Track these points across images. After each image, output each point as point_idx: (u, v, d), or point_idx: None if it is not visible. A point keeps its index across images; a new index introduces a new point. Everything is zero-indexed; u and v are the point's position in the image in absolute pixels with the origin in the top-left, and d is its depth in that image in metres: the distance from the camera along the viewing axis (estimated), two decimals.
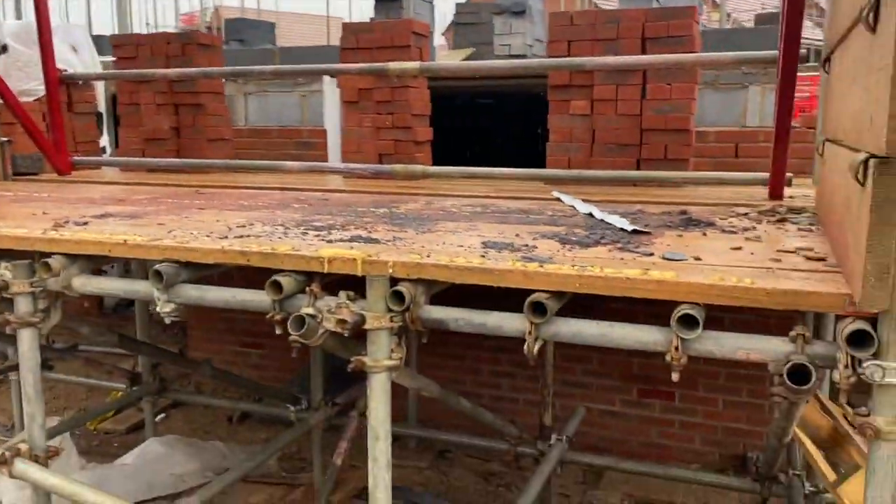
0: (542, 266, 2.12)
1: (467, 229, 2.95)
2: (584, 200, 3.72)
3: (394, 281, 2.27)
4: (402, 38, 5.26)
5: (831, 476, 2.26)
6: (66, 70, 5.82)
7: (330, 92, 7.06)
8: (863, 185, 1.62)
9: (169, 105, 6.09)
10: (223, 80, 6.31)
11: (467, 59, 9.69)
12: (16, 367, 5.75)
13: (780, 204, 3.49)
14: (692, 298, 1.89)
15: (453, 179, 5.30)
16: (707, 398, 5.70)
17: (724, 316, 2.30)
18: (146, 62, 6.07)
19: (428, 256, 2.28)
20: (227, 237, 2.71)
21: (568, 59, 4.56)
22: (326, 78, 6.93)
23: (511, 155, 11.31)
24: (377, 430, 2.26)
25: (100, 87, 7.47)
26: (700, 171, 5.26)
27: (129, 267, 6.51)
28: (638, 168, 4.81)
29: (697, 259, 2.22)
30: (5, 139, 5.30)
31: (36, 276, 2.73)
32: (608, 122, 4.85)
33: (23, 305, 2.73)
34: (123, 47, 6.24)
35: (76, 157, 5.82)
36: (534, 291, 2.10)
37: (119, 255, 2.64)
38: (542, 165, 5.13)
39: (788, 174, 3.82)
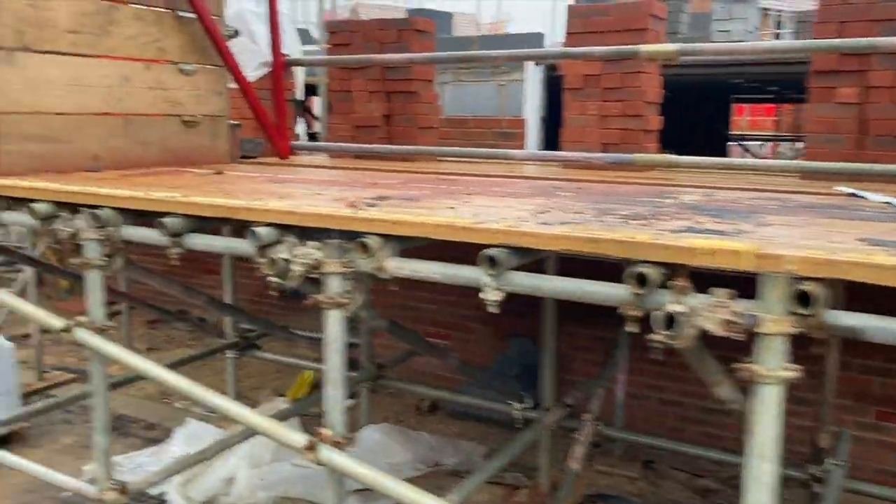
0: None
1: (807, 224, 2.61)
2: None
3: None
4: (640, 20, 4.94)
5: None
6: (288, 56, 5.90)
7: (532, 81, 6.83)
8: None
9: (381, 92, 6.06)
10: (434, 67, 6.22)
11: None
12: (233, 346, 5.93)
13: None
14: None
15: (681, 169, 4.96)
16: None
17: None
18: (361, 48, 6.06)
19: (834, 254, 1.97)
20: (546, 223, 2.50)
21: (848, 39, 4.10)
22: (530, 66, 6.70)
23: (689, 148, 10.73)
24: (765, 450, 1.97)
25: (300, 75, 7.60)
26: None
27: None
28: None
29: None
30: (236, 122, 5.41)
31: (347, 256, 2.63)
32: (884, 111, 4.34)
33: (335, 285, 2.64)
34: (338, 34, 6.28)
35: (293, 143, 5.91)
36: None
37: (441, 238, 2.48)
38: None
39: None
